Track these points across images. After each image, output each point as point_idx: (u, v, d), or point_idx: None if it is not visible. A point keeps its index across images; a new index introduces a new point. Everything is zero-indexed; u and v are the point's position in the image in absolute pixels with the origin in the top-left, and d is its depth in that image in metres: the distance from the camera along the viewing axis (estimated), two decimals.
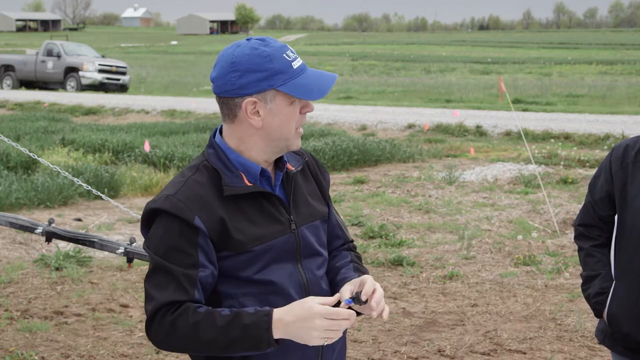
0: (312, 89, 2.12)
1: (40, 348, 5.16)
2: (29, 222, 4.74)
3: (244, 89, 2.09)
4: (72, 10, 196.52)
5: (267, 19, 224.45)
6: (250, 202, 2.14)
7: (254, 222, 2.13)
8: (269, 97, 2.10)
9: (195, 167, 2.17)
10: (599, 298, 2.88)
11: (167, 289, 2.06)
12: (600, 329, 2.98)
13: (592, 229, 2.96)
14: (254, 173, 2.16)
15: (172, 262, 2.07)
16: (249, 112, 2.11)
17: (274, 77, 2.08)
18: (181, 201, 2.07)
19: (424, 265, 7.17)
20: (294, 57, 2.14)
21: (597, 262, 2.92)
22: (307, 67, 2.18)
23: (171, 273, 2.06)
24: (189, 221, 2.06)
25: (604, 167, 2.90)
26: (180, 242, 2.07)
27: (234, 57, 2.10)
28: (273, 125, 2.13)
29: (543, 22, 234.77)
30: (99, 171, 10.30)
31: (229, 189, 2.11)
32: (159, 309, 2.05)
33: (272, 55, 2.10)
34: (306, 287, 2.20)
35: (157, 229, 2.11)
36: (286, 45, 2.16)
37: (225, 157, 2.16)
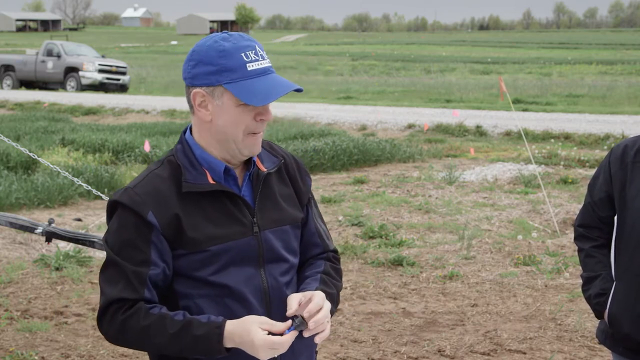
0: (256, 94, 2.02)
1: (40, 348, 5.16)
2: (29, 222, 4.73)
3: (194, 79, 2.07)
4: (72, 10, 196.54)
5: (267, 19, 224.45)
6: (211, 200, 2.09)
7: (213, 221, 2.08)
8: (217, 93, 2.05)
9: (160, 162, 2.15)
10: (600, 299, 2.87)
11: (117, 285, 2.04)
12: (601, 329, 2.98)
13: (591, 229, 2.95)
14: (218, 171, 2.11)
15: (123, 257, 2.05)
16: (197, 103, 2.08)
17: (222, 73, 2.02)
18: (138, 195, 2.06)
19: (424, 265, 7.17)
20: (254, 58, 2.05)
21: (597, 263, 2.91)
22: (273, 73, 2.08)
23: (122, 269, 2.05)
24: (143, 216, 2.04)
25: (603, 167, 2.89)
26: (133, 237, 2.05)
27: (197, 46, 2.09)
28: (219, 124, 2.07)
29: (543, 22, 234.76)
30: (99, 171, 10.30)
31: (188, 186, 2.07)
32: (109, 304, 2.05)
33: (227, 52, 2.03)
34: (267, 292, 2.13)
35: (113, 222, 2.10)
36: (253, 46, 2.06)
37: (191, 153, 2.12)
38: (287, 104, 23.76)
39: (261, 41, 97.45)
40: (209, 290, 2.09)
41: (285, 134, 14.92)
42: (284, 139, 14.39)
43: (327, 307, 2.10)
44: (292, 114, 19.96)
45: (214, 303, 2.08)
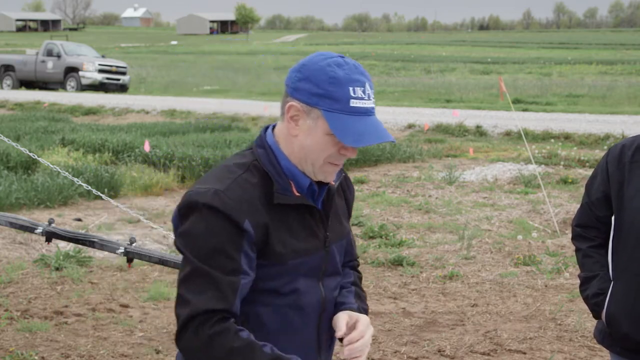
0: (349, 133, 1.96)
1: (40, 348, 5.16)
2: (29, 222, 4.73)
3: (296, 91, 2.01)
4: (72, 10, 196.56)
5: (267, 19, 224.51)
6: (295, 213, 2.06)
7: (295, 234, 2.05)
8: (313, 114, 1.99)
9: (244, 166, 2.04)
10: (598, 299, 2.87)
11: (206, 294, 1.93)
12: (599, 329, 2.98)
13: (589, 229, 2.95)
14: (302, 185, 2.07)
15: (213, 266, 1.94)
16: (289, 114, 2.03)
17: (324, 99, 1.97)
18: (232, 200, 1.96)
19: (424, 265, 7.17)
20: (360, 96, 1.98)
21: (595, 263, 2.91)
22: (373, 115, 2.02)
23: (212, 278, 1.94)
24: (239, 223, 1.95)
25: (601, 167, 2.89)
26: (224, 243, 1.95)
27: (309, 60, 2.03)
28: (304, 143, 2.02)
29: (543, 22, 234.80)
30: (99, 171, 10.30)
31: (279, 197, 2.02)
32: (195, 316, 1.93)
33: (337, 80, 1.97)
34: (323, 304, 2.15)
35: (198, 226, 1.96)
36: (363, 82, 1.99)
37: (276, 161, 2.06)
38: None
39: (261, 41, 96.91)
40: (273, 299, 2.07)
41: None
42: None
43: (369, 336, 2.12)
44: None
45: (274, 311, 2.08)
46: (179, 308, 1.97)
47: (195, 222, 1.96)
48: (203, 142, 13.32)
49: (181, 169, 11.20)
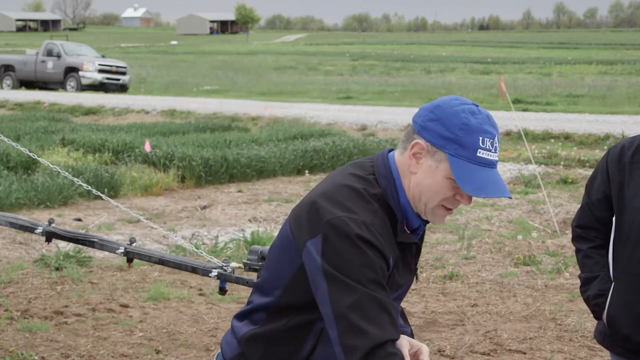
0: (470, 181, 1.98)
1: (40, 348, 5.16)
2: (29, 222, 4.73)
3: (425, 130, 2.02)
4: (72, 10, 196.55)
5: (267, 19, 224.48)
6: (404, 248, 2.10)
7: (402, 269, 2.11)
8: (437, 156, 2.01)
9: (376, 198, 2.04)
10: (599, 300, 2.87)
11: (382, 322, 1.92)
12: (599, 330, 2.97)
13: (589, 230, 2.95)
14: (413, 224, 2.11)
15: (380, 292, 1.95)
16: (412, 151, 2.04)
17: (452, 143, 1.98)
18: (380, 235, 1.98)
19: (424, 265, 7.17)
20: (488, 147, 1.99)
21: (595, 264, 2.90)
22: (495, 168, 2.03)
23: (383, 303, 1.94)
24: (387, 258, 1.99)
25: (601, 168, 2.88)
26: (379, 275, 1.97)
27: (444, 103, 2.04)
28: (422, 182, 2.04)
29: (543, 22, 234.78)
30: (99, 171, 10.29)
31: (402, 236, 2.06)
32: (376, 346, 1.90)
33: (469, 128, 1.98)
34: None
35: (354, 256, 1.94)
36: (493, 134, 2.01)
37: (397, 197, 2.07)
38: (286, 104, 23.77)
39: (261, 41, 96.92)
40: None
41: (285, 134, 14.92)
42: (284, 139, 14.39)
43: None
44: (292, 114, 19.96)
45: None
46: (356, 339, 1.91)
47: (350, 251, 1.94)
48: (203, 142, 13.32)
49: (181, 169, 11.19)
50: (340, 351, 1.93)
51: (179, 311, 5.92)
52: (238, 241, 7.62)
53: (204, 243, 7.83)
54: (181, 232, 8.18)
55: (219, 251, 7.30)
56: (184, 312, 5.93)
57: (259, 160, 12.00)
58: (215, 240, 7.73)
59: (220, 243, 7.63)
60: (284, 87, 33.59)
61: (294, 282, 2.06)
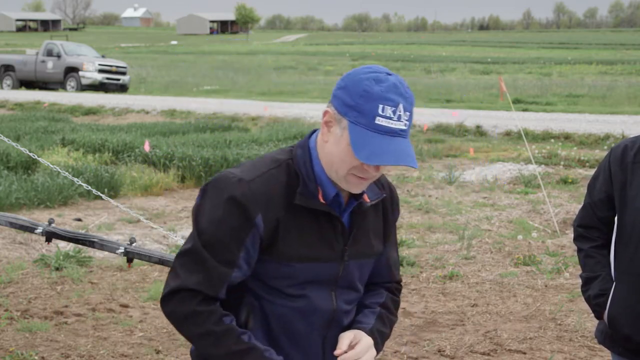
0: (364, 148, 1.94)
1: (40, 348, 5.16)
2: (29, 222, 4.73)
3: (334, 98, 2.02)
4: (72, 10, 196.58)
5: (267, 19, 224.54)
6: (313, 219, 2.06)
7: (308, 240, 2.06)
8: (342, 124, 1.99)
9: (278, 162, 2.08)
10: (599, 300, 2.86)
11: (196, 275, 2.02)
12: (600, 329, 2.97)
13: (591, 230, 2.94)
14: (329, 193, 2.07)
15: (211, 253, 2.01)
16: (324, 119, 2.04)
17: (353, 111, 1.96)
18: (252, 192, 2.00)
19: (424, 265, 7.17)
20: (389, 115, 1.94)
21: (596, 264, 2.90)
22: (401, 138, 1.97)
23: (205, 263, 2.01)
24: (251, 216, 2.00)
25: (603, 167, 2.87)
26: (230, 235, 2.00)
27: (354, 70, 2.03)
28: (331, 150, 2.02)
29: (543, 22, 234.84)
30: (99, 171, 10.29)
31: (301, 199, 2.03)
32: (181, 290, 2.02)
33: (368, 94, 1.95)
34: (334, 314, 2.14)
35: (214, 210, 2.02)
36: (397, 102, 1.95)
37: (310, 165, 2.07)
38: (286, 104, 23.77)
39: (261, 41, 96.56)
40: (279, 300, 2.09)
41: (285, 134, 14.92)
42: (284, 139, 14.39)
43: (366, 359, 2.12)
44: (292, 114, 19.96)
45: (278, 312, 2.09)
46: (170, 277, 2.07)
47: (212, 204, 2.03)
48: (203, 142, 13.32)
49: (181, 169, 11.19)
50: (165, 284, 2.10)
51: None
52: None
53: None
54: (181, 232, 8.18)
55: None
56: None
57: None
58: None
59: None
60: (284, 87, 33.60)
61: None
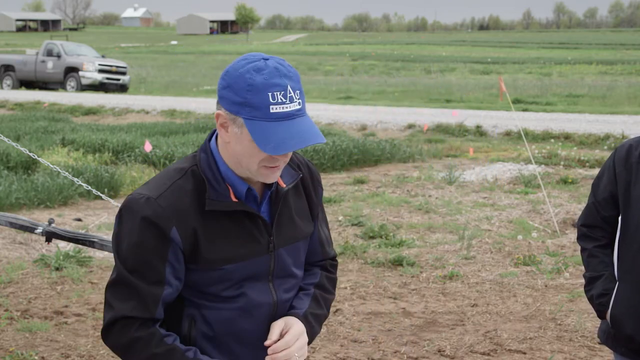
0: (269, 141, 1.91)
1: (40, 348, 5.16)
2: (29, 222, 4.73)
3: (221, 99, 1.99)
4: (72, 10, 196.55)
5: (267, 19, 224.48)
6: (231, 219, 2.05)
7: (231, 240, 2.05)
8: (238, 122, 1.96)
9: (182, 171, 2.06)
10: (602, 299, 2.85)
11: (128, 302, 2.00)
12: (602, 329, 2.96)
13: (595, 229, 2.93)
14: (240, 190, 2.06)
15: (138, 277, 2.00)
16: (218, 122, 2.01)
17: (244, 107, 1.93)
18: (162, 207, 1.98)
19: (424, 265, 7.17)
20: (281, 100, 1.92)
21: (600, 263, 2.89)
22: (299, 117, 1.95)
23: (135, 288, 2.00)
24: (166, 232, 1.98)
25: (607, 167, 2.86)
26: (151, 255, 1.99)
27: (231, 66, 1.99)
28: (236, 150, 2.00)
29: (543, 22, 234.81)
30: (99, 171, 10.29)
31: (212, 203, 2.01)
32: (118, 319, 2.01)
33: (254, 87, 1.92)
34: (275, 306, 2.13)
35: (130, 234, 2.01)
36: (284, 85, 1.93)
37: (215, 167, 2.05)
38: None
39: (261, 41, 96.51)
40: (218, 303, 2.08)
41: None
42: None
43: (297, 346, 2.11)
44: None
45: (220, 315, 2.08)
46: (105, 310, 2.06)
47: (127, 230, 2.02)
48: (203, 142, 13.31)
49: None
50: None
51: None
52: None
53: None
54: None
55: None
56: None
57: None
58: None
59: None
60: None
61: None
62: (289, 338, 2.09)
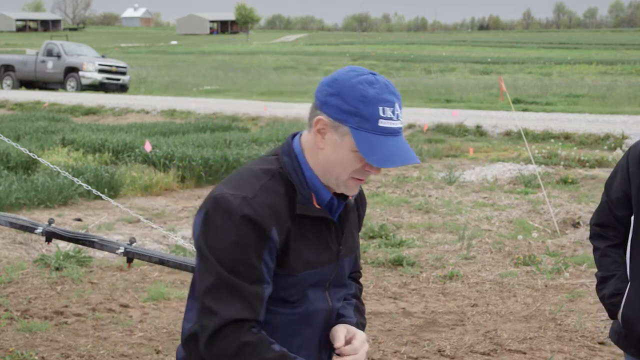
0: (376, 153, 1.96)
1: (40, 348, 5.16)
2: (29, 222, 4.73)
3: (325, 105, 2.00)
4: (72, 10, 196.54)
5: (267, 19, 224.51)
6: (313, 225, 2.07)
7: (311, 247, 2.07)
8: (340, 130, 1.98)
9: (270, 173, 2.04)
10: (614, 299, 2.83)
11: (234, 305, 1.94)
12: (614, 329, 2.93)
13: (608, 229, 2.90)
14: (323, 198, 2.08)
15: (239, 277, 1.95)
16: (316, 127, 2.02)
17: (353, 116, 1.96)
18: (261, 207, 1.96)
19: (424, 265, 7.17)
20: (389, 116, 1.97)
21: (612, 263, 2.86)
22: (400, 135, 2.01)
23: (239, 289, 1.95)
24: (266, 231, 1.96)
25: (621, 166, 2.83)
26: (251, 253, 1.95)
27: (340, 75, 2.02)
28: (330, 157, 2.02)
29: (543, 22, 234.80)
30: (99, 171, 10.29)
31: (302, 208, 2.03)
32: (225, 325, 1.94)
33: (367, 99, 1.96)
34: (330, 313, 2.16)
35: (225, 233, 1.96)
36: (393, 102, 1.98)
37: (300, 171, 2.06)
38: (287, 104, 23.77)
39: (261, 41, 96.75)
40: (281, 308, 2.08)
41: (285, 134, 14.92)
42: (284, 138, 14.30)
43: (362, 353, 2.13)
44: (292, 114, 19.96)
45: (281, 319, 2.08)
46: (206, 318, 1.96)
47: (221, 228, 1.96)
48: (203, 142, 13.32)
49: (181, 169, 11.19)
50: (198, 328, 2.00)
51: (179, 311, 5.92)
52: None
53: None
54: (181, 232, 8.18)
55: None
56: (183, 312, 5.92)
57: None
58: None
59: None
60: (284, 87, 33.60)
61: None
62: (357, 345, 2.12)
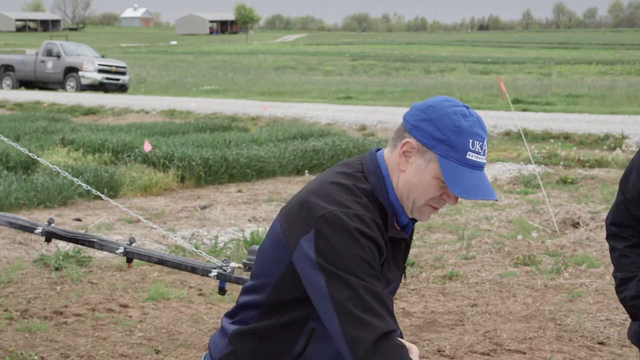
0: (460, 183, 2.01)
1: (40, 348, 5.16)
2: (28, 222, 4.73)
3: (416, 129, 2.05)
4: (71, 10, 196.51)
5: (267, 19, 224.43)
6: (392, 244, 2.11)
7: (390, 265, 2.12)
8: (427, 156, 2.03)
9: (365, 192, 2.06)
10: (636, 301, 2.79)
11: (381, 315, 1.94)
12: (633, 330, 2.90)
13: (625, 228, 2.86)
14: (402, 221, 2.13)
15: (377, 285, 1.97)
16: (402, 149, 2.06)
17: (443, 144, 2.01)
18: (369, 223, 2.00)
19: (424, 265, 7.17)
20: (477, 150, 2.02)
21: (632, 264, 2.83)
22: (483, 170, 2.06)
23: (383, 299, 1.96)
24: (381, 245, 2.02)
25: (635, 164, 2.81)
26: (374, 266, 1.99)
27: (435, 103, 2.06)
28: (411, 180, 2.06)
29: (543, 22, 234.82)
30: (98, 171, 10.29)
31: (392, 232, 2.08)
32: (381, 337, 1.92)
33: (460, 130, 2.01)
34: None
35: (348, 248, 1.95)
36: (482, 137, 2.04)
37: (386, 194, 2.09)
38: (286, 104, 23.77)
39: (261, 41, 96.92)
40: None
41: (285, 134, 14.92)
42: (283, 139, 14.38)
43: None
44: (292, 114, 19.96)
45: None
46: (360, 331, 1.92)
47: (343, 244, 1.96)
48: (203, 142, 13.32)
49: (181, 169, 11.19)
50: (344, 344, 1.94)
51: (179, 311, 5.92)
52: (238, 241, 7.62)
53: (203, 243, 7.82)
54: (181, 232, 8.18)
55: (218, 251, 7.30)
56: (183, 312, 5.93)
57: (258, 160, 12.00)
58: (214, 241, 7.73)
59: (219, 243, 7.63)
60: (283, 87, 33.60)
61: (283, 280, 2.07)
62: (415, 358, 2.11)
